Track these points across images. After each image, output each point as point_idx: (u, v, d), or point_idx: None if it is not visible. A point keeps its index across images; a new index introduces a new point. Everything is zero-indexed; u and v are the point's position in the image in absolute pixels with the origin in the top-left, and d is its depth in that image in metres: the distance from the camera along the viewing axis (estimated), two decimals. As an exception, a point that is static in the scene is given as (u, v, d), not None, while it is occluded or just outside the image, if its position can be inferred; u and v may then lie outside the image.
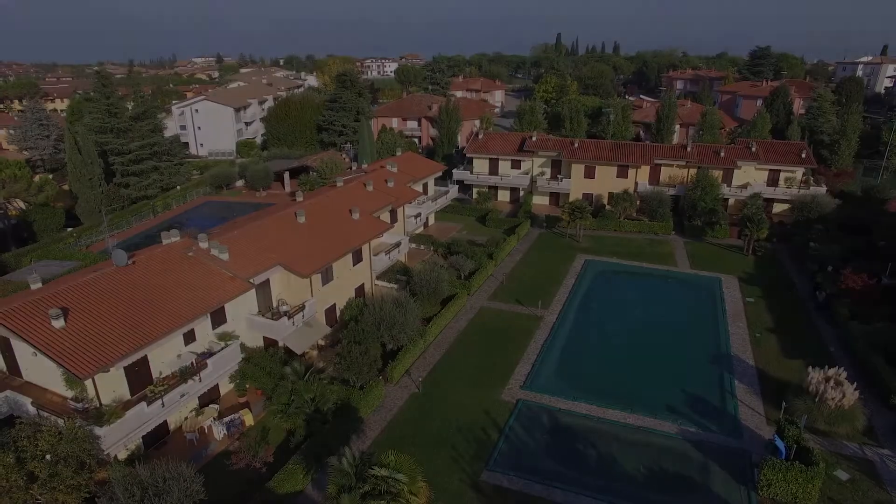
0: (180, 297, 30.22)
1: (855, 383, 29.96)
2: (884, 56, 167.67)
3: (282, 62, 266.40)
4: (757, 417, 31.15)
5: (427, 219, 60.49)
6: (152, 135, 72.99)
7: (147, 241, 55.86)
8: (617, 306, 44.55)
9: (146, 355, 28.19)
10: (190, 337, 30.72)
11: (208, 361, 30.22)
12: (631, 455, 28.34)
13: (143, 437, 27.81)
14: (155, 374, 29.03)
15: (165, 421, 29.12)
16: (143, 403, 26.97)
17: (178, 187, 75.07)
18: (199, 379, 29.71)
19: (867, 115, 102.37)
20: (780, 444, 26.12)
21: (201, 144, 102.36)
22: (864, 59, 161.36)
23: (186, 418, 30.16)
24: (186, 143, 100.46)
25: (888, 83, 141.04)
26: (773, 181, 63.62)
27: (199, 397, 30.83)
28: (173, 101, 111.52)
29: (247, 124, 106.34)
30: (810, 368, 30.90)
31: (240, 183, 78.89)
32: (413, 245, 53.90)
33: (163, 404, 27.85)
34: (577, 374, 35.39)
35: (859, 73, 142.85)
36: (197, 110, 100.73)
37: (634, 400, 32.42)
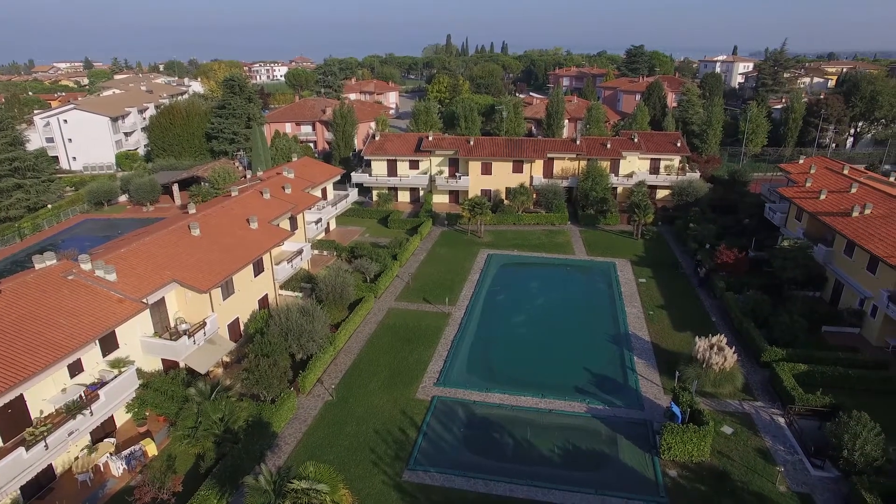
0: (61, 325, 27.45)
1: (733, 347, 33.16)
2: (735, 55, 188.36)
3: (162, 67, 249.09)
4: (655, 388, 33.65)
5: (328, 224, 59.39)
6: (11, 148, 65.89)
7: (15, 267, 50.53)
8: (521, 297, 46.19)
9: (21, 394, 25.35)
10: (76, 368, 28.05)
11: (100, 392, 27.77)
12: (545, 438, 29.54)
13: (22, 486, 24.80)
14: (34, 414, 26.16)
15: (51, 465, 26.37)
16: (22, 449, 24.16)
17: (49, 206, 68.22)
18: (91, 413, 27.24)
19: (727, 107, 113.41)
20: (676, 410, 28.50)
21: (74, 158, 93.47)
22: (721, 57, 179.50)
23: (77, 458, 27.48)
24: (56, 157, 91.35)
25: (740, 79, 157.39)
26: (654, 169, 68.90)
27: (91, 433, 28.22)
28: (35, 111, 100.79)
29: (126, 135, 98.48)
30: (697, 338, 33.70)
31: (123, 198, 73.20)
32: (316, 251, 52.80)
33: (46, 446, 25.20)
34: (488, 366, 36.32)
35: (718, 69, 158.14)
36: (66, 120, 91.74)
37: (544, 385, 33.85)
